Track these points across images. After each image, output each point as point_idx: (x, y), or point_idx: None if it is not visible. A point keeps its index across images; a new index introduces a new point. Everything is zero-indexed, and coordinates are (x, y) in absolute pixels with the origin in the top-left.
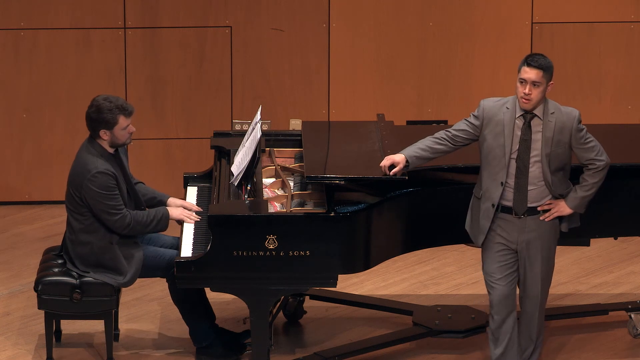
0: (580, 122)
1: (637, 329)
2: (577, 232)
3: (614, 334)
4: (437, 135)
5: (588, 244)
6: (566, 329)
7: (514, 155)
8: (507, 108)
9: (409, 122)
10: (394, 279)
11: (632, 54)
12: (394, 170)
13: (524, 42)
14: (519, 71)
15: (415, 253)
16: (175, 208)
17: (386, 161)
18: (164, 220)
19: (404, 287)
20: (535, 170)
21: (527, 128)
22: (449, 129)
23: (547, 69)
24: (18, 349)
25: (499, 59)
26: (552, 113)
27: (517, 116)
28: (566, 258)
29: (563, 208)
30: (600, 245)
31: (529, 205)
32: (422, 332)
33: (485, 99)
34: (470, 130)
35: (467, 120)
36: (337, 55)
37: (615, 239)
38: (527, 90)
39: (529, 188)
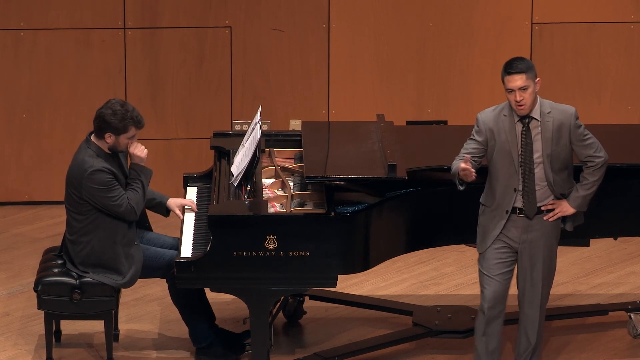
0: (577, 118)
1: (637, 329)
2: (577, 232)
3: (614, 334)
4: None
5: (588, 244)
6: (566, 329)
7: (520, 160)
8: (505, 115)
9: (408, 122)
10: (393, 279)
11: (632, 54)
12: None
13: (524, 42)
14: (503, 82)
15: (415, 253)
16: (173, 200)
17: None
18: (146, 173)
19: (404, 288)
20: (538, 171)
21: (526, 131)
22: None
23: (528, 70)
24: (18, 349)
25: (498, 59)
26: (549, 112)
27: (515, 121)
28: (566, 258)
29: (566, 208)
30: (600, 246)
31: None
32: (422, 333)
33: (481, 112)
34: (481, 147)
35: (473, 139)
36: (337, 56)
37: (615, 239)
38: (518, 98)
39: (536, 189)
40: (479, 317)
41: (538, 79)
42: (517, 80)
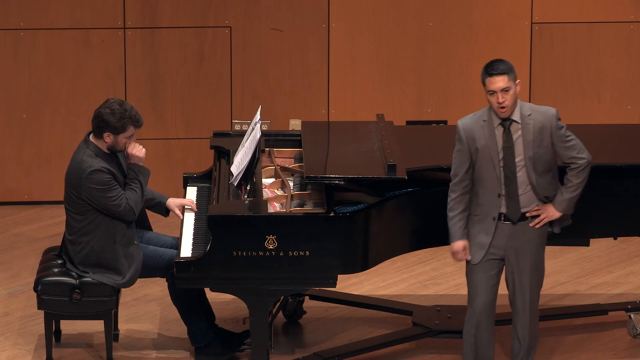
0: (559, 119)
1: (637, 329)
2: (577, 232)
3: (614, 334)
4: (453, 196)
5: (588, 244)
6: (566, 329)
7: (502, 164)
8: (484, 120)
9: (408, 122)
10: (393, 279)
11: (631, 54)
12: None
13: (524, 42)
14: (483, 84)
15: (415, 253)
16: (172, 200)
17: (461, 256)
18: (144, 173)
19: (404, 287)
20: (521, 175)
21: (507, 135)
22: (454, 182)
23: (509, 71)
24: (17, 349)
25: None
26: (529, 115)
27: (495, 126)
28: (566, 258)
29: (552, 212)
30: (599, 246)
31: (521, 211)
32: (421, 332)
33: (461, 120)
34: (467, 159)
35: (457, 152)
36: (337, 56)
37: (615, 239)
38: (500, 100)
39: (519, 193)
40: (467, 327)
41: (518, 80)
42: (499, 82)
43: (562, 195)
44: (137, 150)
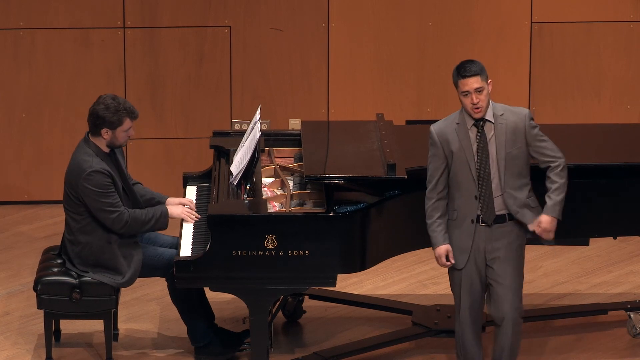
0: (532, 119)
1: (637, 329)
2: (577, 232)
3: (614, 333)
4: (429, 202)
5: (587, 244)
6: (565, 328)
7: (477, 165)
8: (457, 123)
9: (408, 122)
10: (393, 279)
11: (631, 53)
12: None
13: (524, 42)
14: (456, 86)
15: (414, 253)
16: (175, 207)
17: (445, 259)
18: (164, 218)
19: (404, 287)
20: (495, 177)
21: (481, 135)
22: (430, 189)
23: (481, 72)
24: (17, 348)
25: (498, 58)
26: (502, 115)
27: (469, 127)
28: (566, 258)
29: (550, 222)
30: (599, 245)
31: (496, 213)
32: (421, 332)
33: (434, 125)
34: (442, 164)
35: (432, 157)
36: (337, 55)
37: (615, 238)
38: (474, 100)
39: (494, 196)
40: (455, 328)
41: (490, 80)
42: (473, 83)
43: (552, 200)
44: (189, 214)
